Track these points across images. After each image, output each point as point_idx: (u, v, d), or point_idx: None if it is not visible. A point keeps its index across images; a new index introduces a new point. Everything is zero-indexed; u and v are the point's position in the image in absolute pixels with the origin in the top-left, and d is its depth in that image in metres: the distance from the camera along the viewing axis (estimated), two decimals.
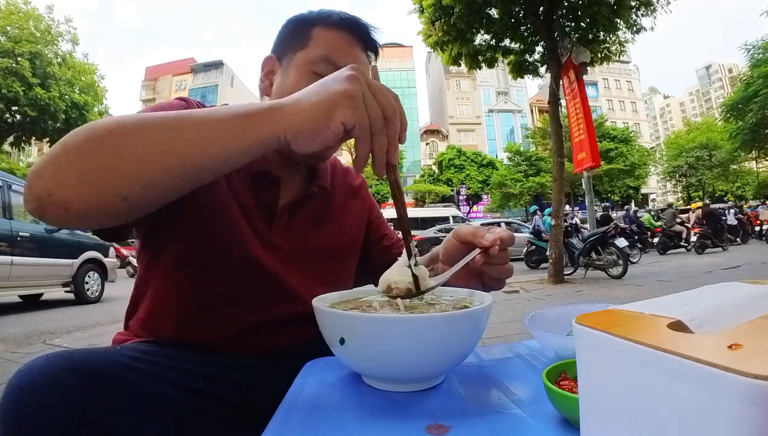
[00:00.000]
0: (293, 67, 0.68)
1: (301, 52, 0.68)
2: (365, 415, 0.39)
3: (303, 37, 0.69)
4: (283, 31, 0.73)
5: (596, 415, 0.22)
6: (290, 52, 0.69)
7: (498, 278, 0.60)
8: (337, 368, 0.52)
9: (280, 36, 0.73)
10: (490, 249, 0.56)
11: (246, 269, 0.63)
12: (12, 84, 11.89)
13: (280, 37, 0.73)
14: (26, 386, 0.38)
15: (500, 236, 0.57)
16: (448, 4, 6.15)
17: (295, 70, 0.68)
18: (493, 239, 0.56)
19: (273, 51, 0.73)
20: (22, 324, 4.11)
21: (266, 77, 0.73)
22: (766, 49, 14.50)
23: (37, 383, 0.38)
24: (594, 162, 6.42)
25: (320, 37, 0.68)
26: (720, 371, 0.15)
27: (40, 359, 0.41)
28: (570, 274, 6.80)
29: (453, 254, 0.63)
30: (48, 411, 0.37)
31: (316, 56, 0.67)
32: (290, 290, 0.66)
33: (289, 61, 0.69)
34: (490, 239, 0.56)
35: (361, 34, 0.70)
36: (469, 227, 0.62)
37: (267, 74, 0.73)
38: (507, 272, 0.60)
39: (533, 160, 26.23)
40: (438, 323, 0.41)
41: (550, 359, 0.49)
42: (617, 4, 6.08)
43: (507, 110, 42.36)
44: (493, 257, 0.56)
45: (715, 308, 0.23)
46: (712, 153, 26.59)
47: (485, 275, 0.59)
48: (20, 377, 0.39)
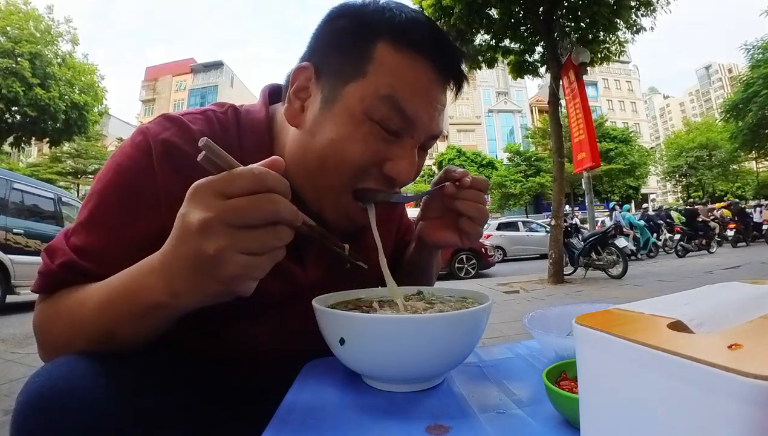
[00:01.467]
0: (343, 107, 0.49)
1: (355, 85, 0.48)
2: (365, 415, 0.39)
3: (360, 57, 0.49)
4: (327, 31, 0.53)
5: (596, 415, 0.22)
6: (338, 76, 0.50)
7: (474, 216, 0.58)
8: (337, 368, 0.52)
9: (322, 38, 0.53)
10: (461, 181, 0.58)
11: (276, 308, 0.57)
12: (12, 84, 11.89)
13: (321, 40, 0.53)
14: (46, 392, 0.37)
15: (473, 176, 0.59)
16: (447, 5, 6.15)
17: (347, 112, 0.49)
18: (462, 172, 0.58)
19: (308, 57, 0.53)
20: (22, 324, 4.10)
21: (296, 96, 0.53)
22: (766, 49, 14.51)
23: (56, 388, 0.37)
24: (594, 162, 6.43)
25: (387, 62, 0.48)
26: (720, 371, 0.15)
27: (61, 364, 0.39)
28: (570, 274, 6.80)
29: (430, 204, 0.64)
30: (67, 418, 0.36)
31: (376, 95, 0.48)
32: None
33: (335, 92, 0.50)
34: (460, 171, 0.59)
35: (447, 63, 0.51)
36: None
37: (298, 92, 0.52)
38: (480, 212, 0.58)
39: (533, 161, 26.25)
40: (438, 323, 0.41)
41: (550, 359, 0.49)
42: (617, 4, 6.08)
43: (507, 110, 42.37)
44: (465, 190, 0.58)
45: (715, 308, 0.23)
46: (712, 153, 26.62)
47: (462, 218, 0.59)
48: (39, 382, 0.37)
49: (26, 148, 15.96)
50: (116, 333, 0.43)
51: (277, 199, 0.36)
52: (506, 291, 5.26)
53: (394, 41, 0.48)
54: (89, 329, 0.44)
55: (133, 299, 0.41)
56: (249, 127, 0.57)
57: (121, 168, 0.50)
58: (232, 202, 0.35)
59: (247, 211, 0.35)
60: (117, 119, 36.93)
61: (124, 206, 0.49)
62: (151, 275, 0.40)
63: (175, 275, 0.38)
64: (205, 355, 0.58)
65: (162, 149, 0.50)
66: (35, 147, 27.23)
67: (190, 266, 0.37)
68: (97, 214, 0.49)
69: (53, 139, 13.74)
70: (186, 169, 0.47)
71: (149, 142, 0.50)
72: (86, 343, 0.44)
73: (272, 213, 0.36)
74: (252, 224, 0.35)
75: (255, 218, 0.35)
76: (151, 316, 0.42)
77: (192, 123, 0.54)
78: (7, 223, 4.88)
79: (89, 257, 0.48)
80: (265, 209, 0.35)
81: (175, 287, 0.38)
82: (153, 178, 0.49)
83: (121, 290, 0.42)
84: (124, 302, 0.42)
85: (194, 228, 0.35)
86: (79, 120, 13.54)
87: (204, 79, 42.77)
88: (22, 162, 23.87)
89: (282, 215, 0.36)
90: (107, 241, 0.48)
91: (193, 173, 0.40)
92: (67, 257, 0.48)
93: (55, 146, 15.10)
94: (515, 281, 6.37)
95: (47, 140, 14.05)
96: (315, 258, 0.59)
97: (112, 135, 31.26)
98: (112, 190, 0.50)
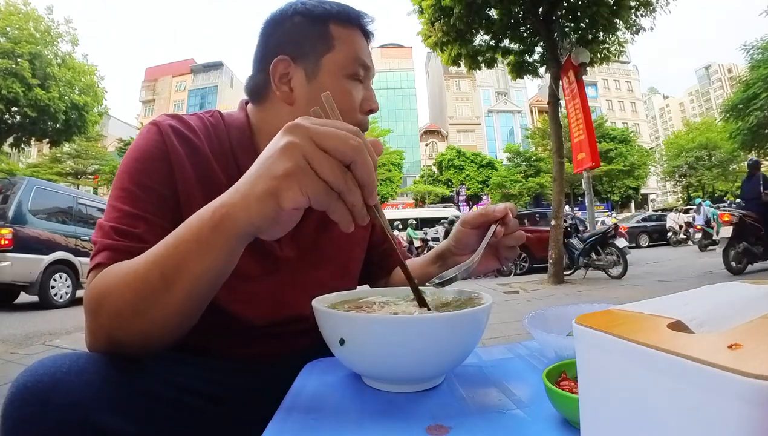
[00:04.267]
0: (325, 74, 0.63)
1: (329, 56, 0.64)
2: (365, 416, 0.39)
3: (325, 37, 0.64)
4: (287, 27, 0.65)
5: (596, 415, 0.22)
6: (311, 54, 0.64)
7: (514, 245, 0.65)
8: (337, 368, 0.52)
9: (286, 33, 0.65)
10: (505, 218, 0.62)
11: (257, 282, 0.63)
12: (12, 85, 11.89)
13: (286, 35, 0.65)
14: (31, 386, 0.38)
15: (507, 206, 0.63)
16: (447, 5, 6.16)
17: (329, 76, 0.63)
18: (503, 209, 0.63)
19: (281, 51, 0.64)
20: (22, 325, 4.11)
21: (281, 83, 0.65)
22: (766, 49, 14.51)
23: (41, 382, 0.38)
24: (593, 162, 6.43)
25: (341, 36, 0.64)
26: (720, 371, 0.15)
27: (48, 359, 0.41)
28: (570, 274, 6.80)
29: (467, 241, 0.68)
30: (50, 411, 0.37)
31: (348, 59, 0.64)
32: (296, 299, 0.64)
33: (314, 66, 0.63)
34: (501, 208, 0.63)
35: (365, 26, 0.69)
36: (472, 211, 0.66)
37: (281, 79, 0.64)
38: (521, 238, 0.65)
39: (533, 161, 26.29)
40: (438, 323, 0.41)
41: (550, 360, 0.49)
42: (616, 4, 6.09)
43: (506, 111, 42.41)
44: (509, 225, 0.62)
45: (715, 308, 0.23)
46: (711, 153, 26.64)
47: (501, 247, 0.65)
48: (26, 376, 0.39)
49: (26, 148, 15.94)
50: (172, 282, 0.42)
51: (362, 149, 0.38)
52: (506, 291, 5.26)
53: (339, 21, 0.65)
54: (144, 281, 0.43)
55: (188, 226, 0.42)
56: (234, 125, 0.67)
57: (138, 147, 0.58)
58: (322, 127, 0.38)
59: (330, 136, 0.37)
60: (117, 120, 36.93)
61: (145, 172, 0.56)
62: (209, 205, 0.42)
63: (235, 187, 0.40)
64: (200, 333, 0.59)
65: (168, 129, 0.60)
66: (35, 147, 27.21)
67: (259, 162, 0.39)
68: (126, 186, 0.55)
69: (53, 139, 13.73)
70: (188, 145, 0.60)
71: (158, 126, 0.60)
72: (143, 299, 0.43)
73: (352, 151, 0.37)
74: (331, 149, 0.37)
75: (335, 145, 0.37)
76: (205, 242, 0.41)
77: (188, 119, 0.64)
78: (77, 231, 6.20)
79: (132, 220, 0.53)
80: (346, 144, 0.37)
81: (228, 197, 0.40)
82: (163, 145, 0.58)
83: (179, 228, 0.43)
84: (181, 233, 0.42)
85: (283, 131, 0.39)
86: (79, 120, 13.53)
87: (204, 79, 42.82)
88: (22, 163, 23.84)
89: (359, 162, 0.38)
90: (142, 204, 0.54)
91: (192, 152, 0.59)
92: (116, 226, 0.53)
93: (55, 147, 15.10)
94: (515, 281, 6.38)
95: (47, 141, 14.04)
96: (290, 239, 0.67)
97: (112, 135, 31.26)
98: (133, 164, 0.57)
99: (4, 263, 5.02)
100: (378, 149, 0.41)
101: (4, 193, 5.50)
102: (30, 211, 5.52)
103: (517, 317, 3.38)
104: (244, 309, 0.61)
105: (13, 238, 5.13)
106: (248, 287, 0.62)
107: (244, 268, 0.60)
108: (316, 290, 0.52)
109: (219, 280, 0.44)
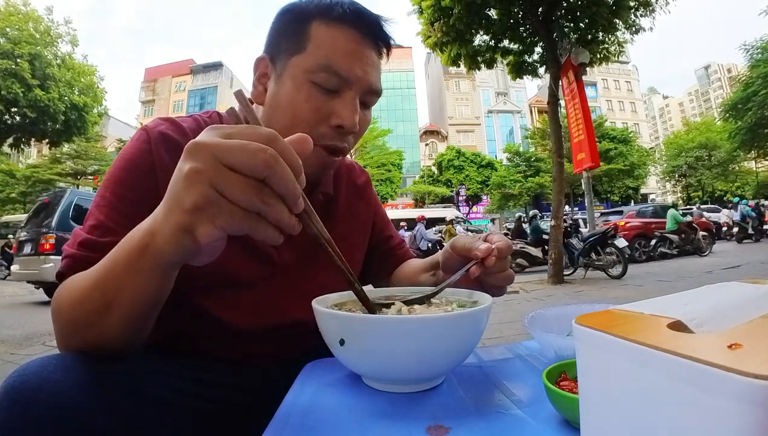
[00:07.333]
0: (288, 76, 0.59)
1: (297, 57, 0.58)
2: (365, 416, 0.39)
3: (299, 37, 0.59)
4: (276, 24, 0.63)
5: (596, 415, 0.22)
6: (284, 54, 0.60)
7: (497, 285, 0.59)
8: (337, 369, 0.52)
9: (273, 31, 0.63)
10: (485, 260, 0.55)
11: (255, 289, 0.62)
12: (11, 85, 11.89)
13: (272, 33, 0.63)
14: (18, 385, 0.38)
15: (497, 245, 0.56)
16: (447, 5, 6.16)
17: (291, 80, 0.58)
18: (486, 250, 0.56)
19: (265, 50, 0.63)
20: (22, 326, 4.10)
21: (259, 82, 0.63)
22: (765, 49, 14.53)
23: (28, 382, 0.38)
24: (593, 162, 6.43)
25: (320, 37, 0.58)
26: (720, 371, 0.15)
27: (36, 360, 0.41)
28: (570, 274, 6.80)
29: (450, 264, 0.63)
30: (34, 410, 0.37)
31: (315, 65, 0.57)
32: (296, 304, 0.62)
33: (283, 67, 0.59)
34: (483, 249, 0.56)
35: (371, 28, 0.61)
36: (466, 238, 0.61)
37: (260, 78, 0.63)
38: (507, 280, 0.59)
39: (532, 161, 26.24)
40: (438, 323, 0.41)
41: (550, 360, 0.49)
42: (616, 4, 6.10)
43: (506, 111, 42.41)
44: (488, 267, 0.56)
45: (715, 308, 0.23)
46: (711, 153, 26.65)
47: (485, 283, 0.59)
48: (14, 377, 0.39)
49: (26, 149, 15.96)
50: (111, 302, 0.41)
51: (276, 159, 0.32)
52: (506, 291, 5.25)
53: (324, 19, 0.59)
54: (88, 299, 0.43)
55: (122, 249, 0.40)
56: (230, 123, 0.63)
57: (125, 155, 0.58)
58: (227, 141, 0.33)
59: (236, 151, 0.32)
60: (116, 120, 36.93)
61: (127, 183, 0.56)
62: (140, 226, 0.40)
63: (157, 212, 0.37)
64: (195, 337, 0.61)
65: (158, 137, 0.58)
66: (35, 148, 27.23)
67: (169, 190, 0.35)
68: (106, 195, 0.55)
69: (53, 140, 13.74)
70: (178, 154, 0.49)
71: (148, 133, 0.59)
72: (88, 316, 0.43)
73: (263, 164, 0.32)
74: (238, 167, 0.32)
75: (243, 160, 0.32)
76: (135, 267, 0.39)
77: (182, 122, 0.63)
78: None
79: (101, 231, 0.53)
80: (256, 158, 0.32)
81: (152, 222, 0.37)
82: (149, 156, 0.57)
83: (116, 248, 0.42)
84: (116, 255, 0.41)
85: (185, 153, 0.34)
86: (79, 121, 13.55)
87: (203, 80, 42.81)
88: (22, 163, 23.85)
89: (274, 175, 0.32)
90: (115, 215, 0.54)
91: None
92: (83, 236, 0.53)
93: (55, 147, 15.10)
94: (515, 281, 6.36)
95: (47, 141, 14.06)
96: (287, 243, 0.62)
97: (112, 136, 31.26)
98: (117, 174, 0.56)
99: (48, 264, 5.70)
100: (302, 147, 0.36)
101: (53, 204, 6.32)
102: (71, 219, 6.12)
103: (517, 317, 3.38)
104: (242, 317, 0.60)
105: (55, 242, 5.84)
106: (247, 295, 0.61)
107: (241, 275, 0.61)
108: (317, 294, 0.52)
109: (159, 298, 0.43)
